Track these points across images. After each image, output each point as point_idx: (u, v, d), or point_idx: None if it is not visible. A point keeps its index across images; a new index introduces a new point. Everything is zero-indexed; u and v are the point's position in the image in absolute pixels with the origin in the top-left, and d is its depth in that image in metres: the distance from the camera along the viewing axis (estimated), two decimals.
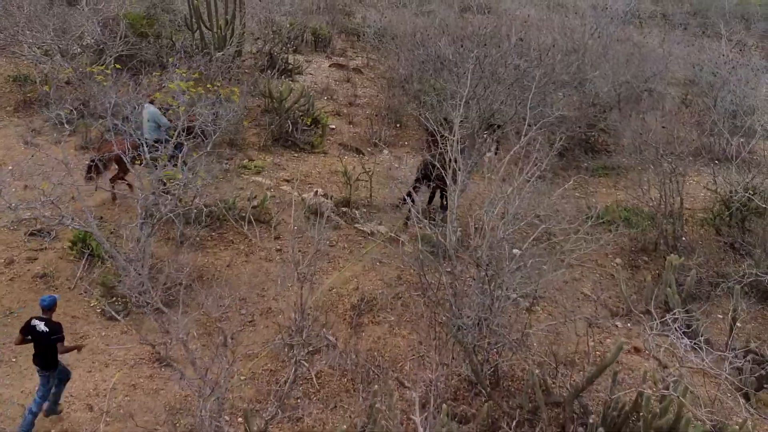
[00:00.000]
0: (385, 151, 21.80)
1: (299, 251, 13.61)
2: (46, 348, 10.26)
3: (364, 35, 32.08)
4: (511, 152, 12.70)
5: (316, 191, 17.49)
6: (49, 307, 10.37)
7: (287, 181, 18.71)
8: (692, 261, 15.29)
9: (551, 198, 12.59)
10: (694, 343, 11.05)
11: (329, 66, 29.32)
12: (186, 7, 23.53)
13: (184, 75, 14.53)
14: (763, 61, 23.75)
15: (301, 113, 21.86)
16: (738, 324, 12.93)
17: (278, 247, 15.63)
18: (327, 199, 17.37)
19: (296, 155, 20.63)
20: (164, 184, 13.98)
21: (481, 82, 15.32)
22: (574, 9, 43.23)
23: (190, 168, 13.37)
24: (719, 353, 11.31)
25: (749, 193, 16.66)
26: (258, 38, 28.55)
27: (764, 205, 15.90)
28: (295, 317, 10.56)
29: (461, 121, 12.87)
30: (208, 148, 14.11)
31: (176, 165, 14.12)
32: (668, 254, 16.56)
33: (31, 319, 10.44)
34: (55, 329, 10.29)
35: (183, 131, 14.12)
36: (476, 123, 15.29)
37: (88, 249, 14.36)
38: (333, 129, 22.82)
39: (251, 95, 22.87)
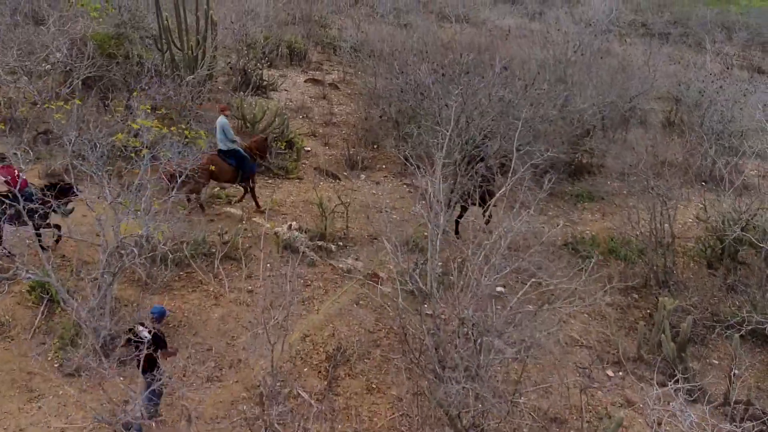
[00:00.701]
0: (362, 176, 20.95)
1: (272, 292, 12.89)
2: (149, 354, 10.19)
3: (340, 49, 31.27)
4: (498, 194, 11.93)
5: (290, 225, 16.61)
6: (158, 319, 10.80)
7: (261, 211, 17.81)
8: (686, 300, 14.56)
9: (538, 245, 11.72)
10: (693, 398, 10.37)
11: (305, 81, 28.49)
12: (157, 24, 22.58)
13: (148, 111, 13.54)
14: (746, 84, 22.99)
15: (275, 135, 21.00)
16: (736, 371, 12.23)
17: (250, 288, 14.73)
18: (302, 232, 16.50)
19: (270, 181, 19.74)
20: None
21: (464, 113, 14.52)
22: (555, 19, 42.74)
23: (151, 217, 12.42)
24: (718, 407, 10.63)
25: (742, 231, 15.94)
26: (231, 52, 27.70)
27: (760, 244, 15.16)
28: (265, 380, 9.73)
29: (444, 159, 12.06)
30: (173, 193, 13.18)
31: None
32: (659, 291, 15.91)
33: (134, 325, 10.69)
34: (158, 338, 10.52)
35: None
36: (459, 159, 14.49)
37: (48, 294, 13.41)
38: (308, 151, 21.98)
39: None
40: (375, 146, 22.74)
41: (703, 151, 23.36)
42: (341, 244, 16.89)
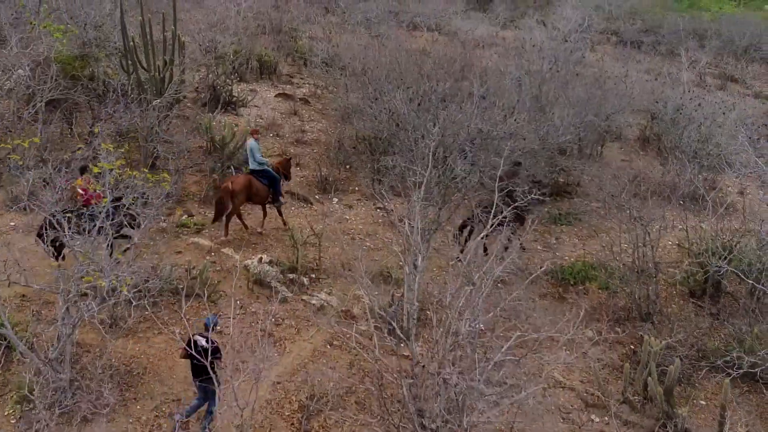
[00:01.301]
0: (335, 200, 20.31)
1: (241, 331, 12.27)
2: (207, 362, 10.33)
3: (311, 62, 30.46)
4: (479, 237, 11.34)
5: (260, 258, 15.92)
6: (213, 328, 11.20)
7: (230, 241, 17.10)
8: (670, 336, 14.03)
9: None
10: None
11: (275, 96, 27.70)
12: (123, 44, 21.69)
13: (110, 150, 12.72)
14: (724, 101, 22.61)
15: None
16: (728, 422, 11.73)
17: (219, 328, 14.02)
18: (273, 265, 15.81)
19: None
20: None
21: (441, 146, 13.91)
22: (528, 28, 42.27)
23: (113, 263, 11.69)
24: None
25: (725, 261, 15.49)
26: (201, 66, 26.92)
27: (744, 278, 14.69)
28: None
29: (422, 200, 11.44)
30: (136, 240, 12.45)
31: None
32: (643, 324, 15.42)
33: (193, 334, 11.10)
34: (216, 347, 10.90)
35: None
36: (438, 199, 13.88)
37: (5, 340, 12.59)
38: None
39: (193, 133, 21.29)
40: (347, 167, 22.09)
41: (682, 170, 22.97)
42: (314, 276, 16.23)
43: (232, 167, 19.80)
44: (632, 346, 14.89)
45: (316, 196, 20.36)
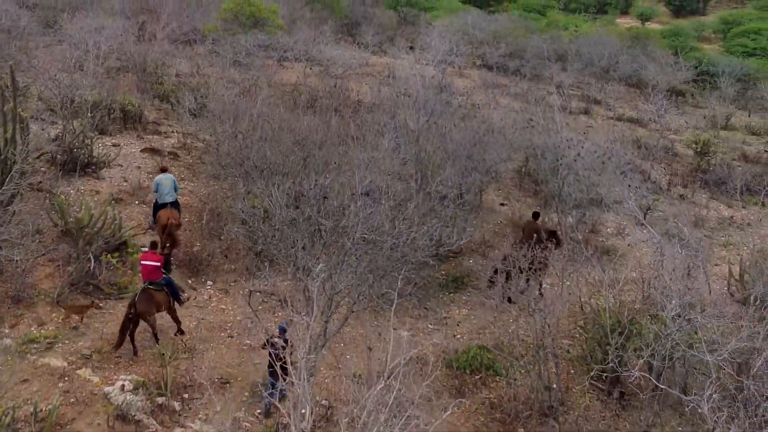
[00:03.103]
0: (209, 283, 17.69)
1: None
2: (281, 361, 11.60)
3: (179, 106, 27.25)
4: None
5: (123, 385, 13.21)
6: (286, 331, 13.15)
7: (88, 357, 14.26)
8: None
9: None
10: None
11: (141, 151, 24.63)
12: None
13: None
14: (603, 150, 21.34)
15: (106, 239, 17.37)
16: None
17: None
18: (137, 392, 13.13)
19: (101, 305, 16.09)
20: None
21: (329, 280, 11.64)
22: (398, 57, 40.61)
23: None
24: None
25: (624, 338, 14.00)
26: (57, 118, 23.70)
27: (650, 359, 13.17)
28: None
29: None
30: None
31: None
32: (546, 418, 13.69)
33: (271, 336, 13.22)
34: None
35: None
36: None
37: None
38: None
39: (45, 210, 18.19)
40: (220, 237, 19.42)
41: (563, 218, 21.68)
42: (187, 396, 13.63)
43: (91, 256, 16.73)
44: None
45: (189, 281, 17.66)
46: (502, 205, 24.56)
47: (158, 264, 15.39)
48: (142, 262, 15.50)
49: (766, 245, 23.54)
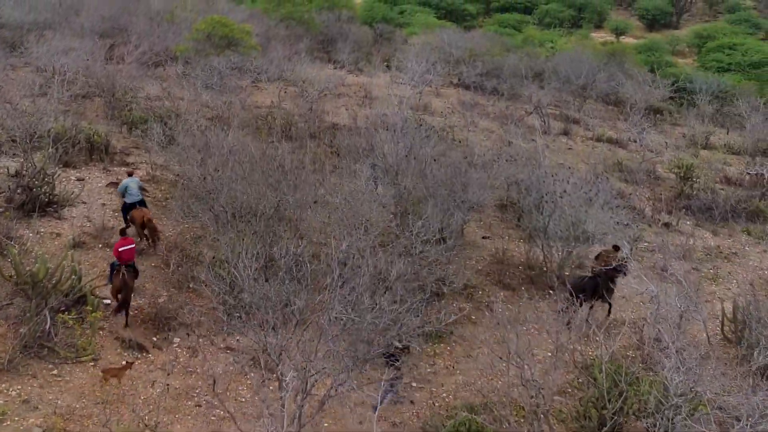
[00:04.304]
0: (176, 340, 16.18)
1: None
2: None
3: (148, 136, 25.50)
4: None
5: None
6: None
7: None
8: None
9: None
10: None
11: (107, 186, 23.00)
12: None
13: None
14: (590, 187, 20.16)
15: (64, 293, 15.78)
16: None
17: None
18: None
19: (55, 372, 14.49)
20: None
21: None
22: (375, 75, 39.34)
23: None
24: None
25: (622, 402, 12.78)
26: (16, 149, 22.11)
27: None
28: None
29: None
30: None
31: None
32: None
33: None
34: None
35: None
36: None
37: None
38: (108, 305, 16.77)
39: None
40: (188, 286, 17.91)
41: (549, 253, 20.50)
42: None
43: (47, 315, 15.14)
44: None
45: (154, 338, 16.13)
46: (484, 238, 23.24)
47: (134, 245, 17.01)
48: (122, 248, 16.42)
49: (755, 277, 22.53)
